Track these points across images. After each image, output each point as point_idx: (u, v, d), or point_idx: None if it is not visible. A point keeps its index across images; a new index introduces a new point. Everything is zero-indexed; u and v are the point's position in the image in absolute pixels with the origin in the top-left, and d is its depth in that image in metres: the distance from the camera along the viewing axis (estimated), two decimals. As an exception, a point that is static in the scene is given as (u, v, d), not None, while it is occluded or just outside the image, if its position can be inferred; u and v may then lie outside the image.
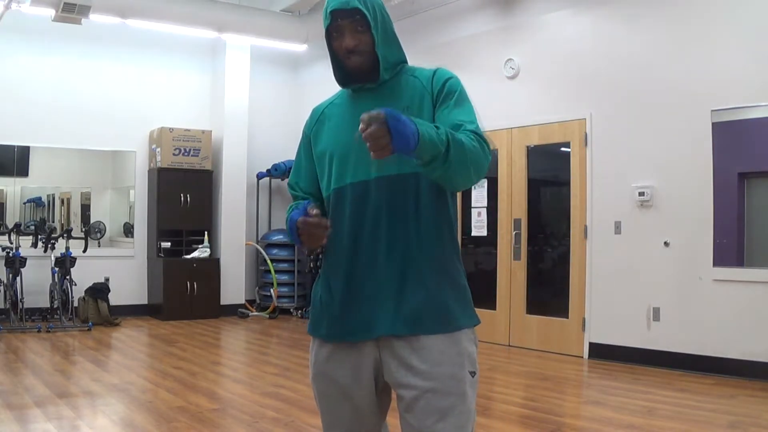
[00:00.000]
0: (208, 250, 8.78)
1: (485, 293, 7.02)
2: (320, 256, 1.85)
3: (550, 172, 7.04)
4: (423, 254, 1.69)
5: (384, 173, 1.70)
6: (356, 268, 1.71)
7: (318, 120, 1.89)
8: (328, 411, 1.80)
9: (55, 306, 7.77)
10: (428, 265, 1.70)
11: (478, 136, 1.64)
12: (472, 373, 1.69)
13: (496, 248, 7.06)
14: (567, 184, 6.55)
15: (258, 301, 9.40)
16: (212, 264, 8.81)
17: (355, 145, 1.71)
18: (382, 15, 1.75)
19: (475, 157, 1.59)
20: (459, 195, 1.85)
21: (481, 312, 1.74)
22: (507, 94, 7.01)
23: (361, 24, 1.71)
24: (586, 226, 6.36)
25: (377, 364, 1.71)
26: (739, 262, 5.60)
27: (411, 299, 1.67)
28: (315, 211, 1.65)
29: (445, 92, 1.74)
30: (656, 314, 5.83)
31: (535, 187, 6.96)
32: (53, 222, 8.92)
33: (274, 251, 9.27)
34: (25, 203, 8.86)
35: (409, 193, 1.70)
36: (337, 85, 1.86)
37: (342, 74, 1.80)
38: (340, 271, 1.74)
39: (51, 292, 7.88)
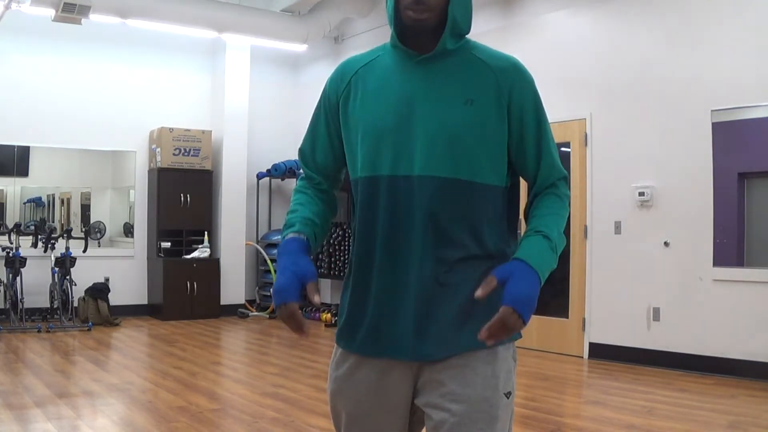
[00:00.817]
0: (208, 250, 8.77)
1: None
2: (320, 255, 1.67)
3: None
4: (471, 275, 1.45)
5: (432, 173, 1.44)
6: (391, 280, 1.48)
7: (350, 82, 1.55)
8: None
9: (55, 306, 7.77)
10: (476, 286, 1.41)
11: (565, 188, 1.56)
12: (507, 395, 1.48)
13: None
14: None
15: (258, 301, 9.40)
16: (212, 264, 8.81)
17: (397, 130, 1.47)
18: None
19: (563, 225, 1.53)
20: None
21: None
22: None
23: None
24: (586, 226, 6.36)
25: (409, 389, 1.50)
26: (739, 262, 5.60)
27: (448, 319, 1.45)
28: (317, 299, 1.45)
29: (527, 111, 1.50)
30: (656, 314, 5.83)
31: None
32: (53, 222, 8.92)
33: (274, 251, 9.26)
34: (25, 203, 8.86)
35: (463, 202, 1.46)
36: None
37: (399, 29, 1.49)
38: (371, 279, 1.50)
39: (51, 292, 7.88)
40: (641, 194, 5.93)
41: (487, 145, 1.47)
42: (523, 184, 1.61)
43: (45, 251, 7.95)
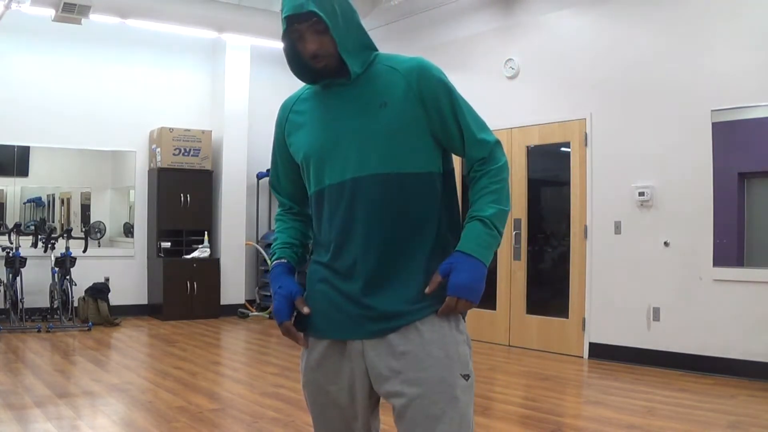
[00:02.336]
0: (208, 250, 8.77)
1: (485, 293, 6.98)
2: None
3: (550, 172, 7.04)
4: (402, 255, 1.63)
5: (361, 173, 1.63)
6: (337, 268, 1.66)
7: (287, 119, 1.80)
8: (319, 420, 1.75)
9: (55, 306, 7.77)
10: (409, 266, 1.63)
11: (499, 154, 1.69)
12: (465, 377, 1.61)
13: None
14: (567, 184, 6.55)
15: (258, 301, 9.40)
16: (212, 264, 8.81)
17: (330, 146, 1.67)
18: (341, 9, 1.62)
19: (507, 197, 1.68)
20: (459, 195, 1.79)
21: (481, 312, 1.74)
22: (507, 94, 7.01)
23: (319, 25, 1.60)
24: (586, 226, 6.36)
25: (366, 372, 1.63)
26: (739, 262, 5.60)
27: (390, 301, 1.61)
28: (306, 310, 1.69)
29: (440, 98, 1.65)
30: (656, 314, 5.83)
31: (535, 187, 6.96)
32: (53, 222, 8.91)
33: (274, 251, 9.26)
34: (25, 203, 8.86)
35: (388, 193, 1.63)
36: None
37: (309, 72, 1.71)
38: (322, 272, 1.70)
39: (51, 292, 7.88)
40: (641, 194, 5.93)
41: (406, 138, 1.63)
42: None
43: (45, 251, 7.95)
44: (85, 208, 9.19)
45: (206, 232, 8.85)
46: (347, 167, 1.65)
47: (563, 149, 6.62)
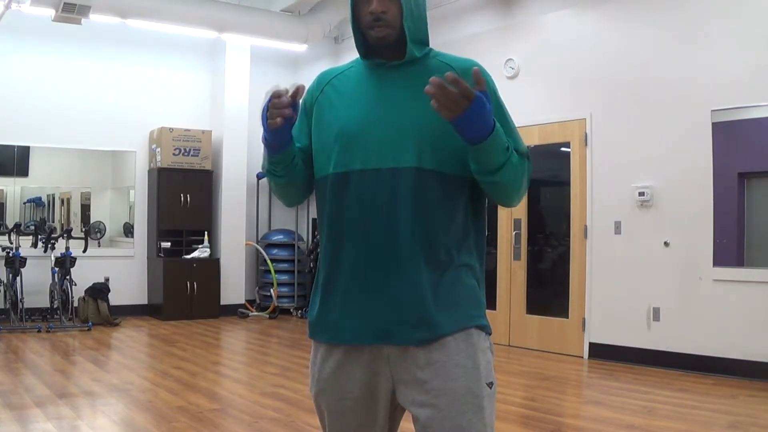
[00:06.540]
0: (208, 250, 8.77)
1: (485, 293, 6.99)
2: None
3: (550, 172, 7.04)
4: (444, 262, 1.56)
5: (401, 164, 1.54)
6: (364, 263, 1.55)
7: (323, 90, 1.68)
8: (335, 429, 1.64)
9: (55, 306, 7.77)
10: (448, 274, 1.56)
11: (528, 164, 1.59)
12: (490, 385, 1.56)
13: (496, 248, 7.06)
14: (567, 184, 6.55)
15: (258, 301, 9.40)
16: (212, 264, 8.81)
17: (372, 128, 1.58)
18: None
19: (520, 183, 1.57)
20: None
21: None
22: (507, 94, 6.96)
23: None
24: (586, 226, 6.36)
25: (391, 377, 1.56)
26: (739, 262, 5.60)
27: (428, 309, 1.52)
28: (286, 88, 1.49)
29: (492, 106, 1.58)
30: (656, 314, 5.83)
31: (535, 187, 6.96)
32: (53, 222, 8.91)
33: (274, 251, 9.27)
34: (25, 203, 8.86)
35: (431, 190, 1.54)
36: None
37: (365, 46, 1.64)
38: (344, 264, 1.58)
39: (51, 292, 7.88)
40: (641, 194, 5.93)
41: (452, 137, 1.53)
42: None
43: (45, 251, 7.95)
44: (85, 208, 9.20)
45: (206, 232, 8.85)
46: (386, 155, 1.55)
47: (563, 149, 6.62)
